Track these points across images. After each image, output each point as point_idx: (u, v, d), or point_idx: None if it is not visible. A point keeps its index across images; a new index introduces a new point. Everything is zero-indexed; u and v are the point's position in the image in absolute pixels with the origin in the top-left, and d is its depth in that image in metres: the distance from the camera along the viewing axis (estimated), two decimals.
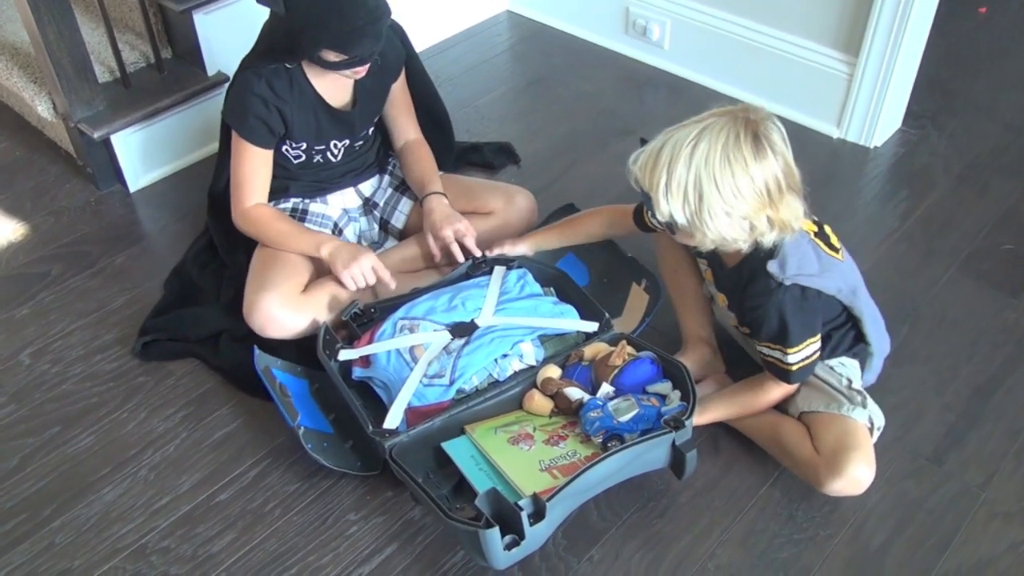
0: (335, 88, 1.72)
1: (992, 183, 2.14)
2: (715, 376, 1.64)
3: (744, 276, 1.42)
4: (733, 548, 1.44)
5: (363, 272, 1.65)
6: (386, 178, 1.93)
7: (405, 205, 1.90)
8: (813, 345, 1.42)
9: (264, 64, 1.65)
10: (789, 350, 1.41)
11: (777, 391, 1.50)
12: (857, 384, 1.51)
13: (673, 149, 1.28)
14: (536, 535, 1.30)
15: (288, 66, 1.65)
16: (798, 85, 2.30)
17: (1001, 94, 2.44)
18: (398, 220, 1.89)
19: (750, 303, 1.41)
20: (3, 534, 1.47)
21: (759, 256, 1.38)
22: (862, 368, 1.56)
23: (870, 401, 1.48)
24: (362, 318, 1.66)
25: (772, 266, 1.37)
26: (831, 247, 1.46)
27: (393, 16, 1.62)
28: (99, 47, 2.19)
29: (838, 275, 1.45)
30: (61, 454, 1.59)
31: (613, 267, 1.84)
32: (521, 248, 1.75)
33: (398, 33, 1.83)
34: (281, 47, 1.61)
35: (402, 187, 1.91)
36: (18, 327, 1.83)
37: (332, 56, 1.57)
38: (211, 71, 2.18)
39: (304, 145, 1.75)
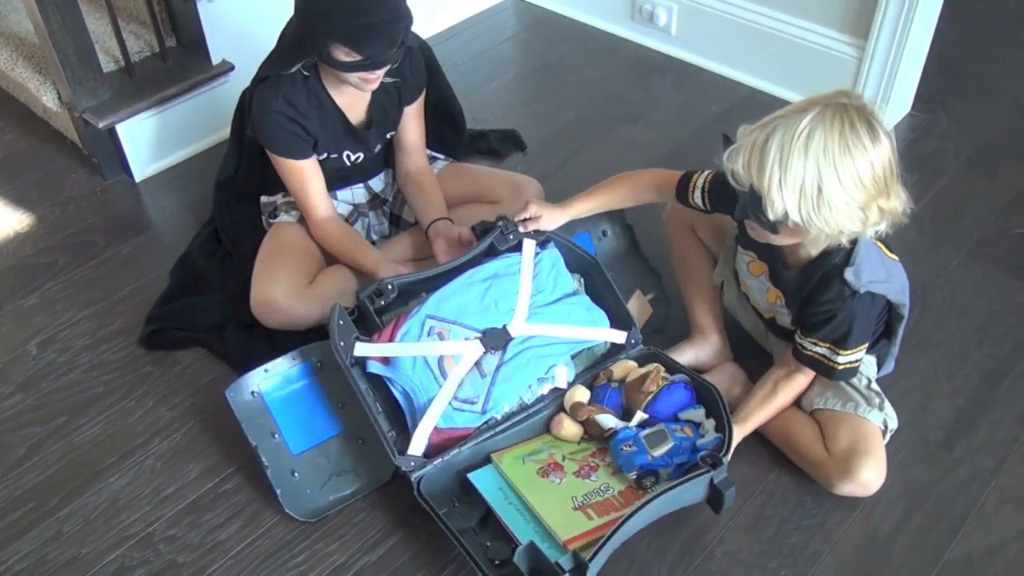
0: (352, 102, 1.69)
1: (1003, 167, 2.12)
2: (725, 364, 1.63)
3: (813, 279, 1.39)
4: (742, 534, 1.43)
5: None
6: (392, 172, 1.91)
7: None
8: (864, 349, 1.42)
9: (277, 67, 1.60)
10: (843, 351, 1.40)
11: (805, 383, 1.49)
12: (875, 384, 1.50)
13: (783, 142, 1.21)
14: None
15: (305, 73, 1.62)
16: (807, 69, 2.28)
17: (1012, 78, 2.41)
18: (409, 214, 1.89)
19: (821, 308, 1.38)
20: (11, 523, 1.47)
21: (832, 262, 1.36)
22: (880, 364, 1.55)
23: (887, 403, 1.47)
24: (380, 299, 1.53)
25: (849, 274, 1.35)
26: (891, 249, 1.46)
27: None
28: (103, 36, 2.18)
29: (898, 279, 1.44)
30: (68, 443, 1.59)
31: (627, 265, 1.81)
32: (558, 218, 1.62)
33: (425, 53, 1.80)
34: (293, 40, 1.56)
35: None
36: (25, 317, 1.83)
37: (343, 54, 1.50)
38: (216, 59, 2.17)
39: (324, 155, 1.73)
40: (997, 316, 1.76)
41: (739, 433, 1.46)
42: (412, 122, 1.80)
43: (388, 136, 1.81)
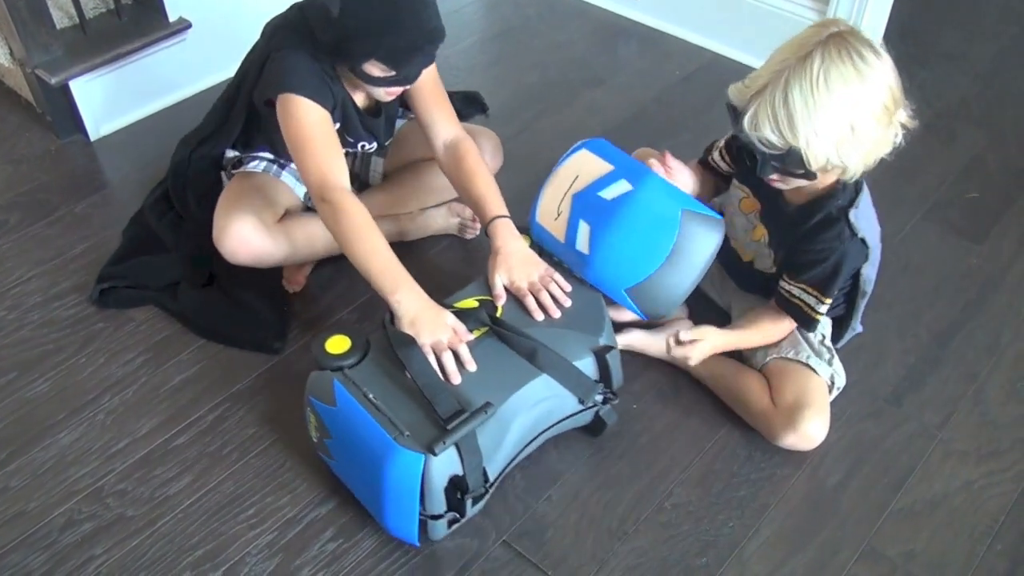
0: (358, 92, 1.61)
1: (959, 132, 2.14)
2: (681, 322, 1.64)
3: (812, 217, 1.38)
4: (691, 487, 1.44)
5: (448, 348, 1.35)
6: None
7: (378, 164, 1.86)
8: (830, 302, 1.43)
9: (303, 53, 1.49)
10: (826, 299, 1.41)
11: (790, 329, 1.49)
12: (828, 340, 1.51)
13: (804, 94, 1.21)
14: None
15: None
16: (768, 34, 2.24)
17: (972, 44, 2.43)
18: (374, 179, 1.86)
19: (817, 246, 1.38)
20: None
21: (837, 203, 1.36)
22: (836, 335, 1.56)
23: (836, 361, 1.49)
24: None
25: (853, 215, 1.36)
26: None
27: None
28: None
29: (877, 249, 1.45)
30: (18, 399, 1.57)
31: None
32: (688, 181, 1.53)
33: None
34: (326, 47, 1.46)
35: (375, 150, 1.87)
36: None
37: (377, 71, 1.44)
38: (172, 17, 2.13)
39: (336, 127, 1.58)
40: (949, 278, 1.78)
41: (721, 338, 1.49)
42: (428, 87, 1.61)
43: (395, 128, 1.76)
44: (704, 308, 1.67)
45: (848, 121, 1.24)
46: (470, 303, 1.44)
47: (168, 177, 1.86)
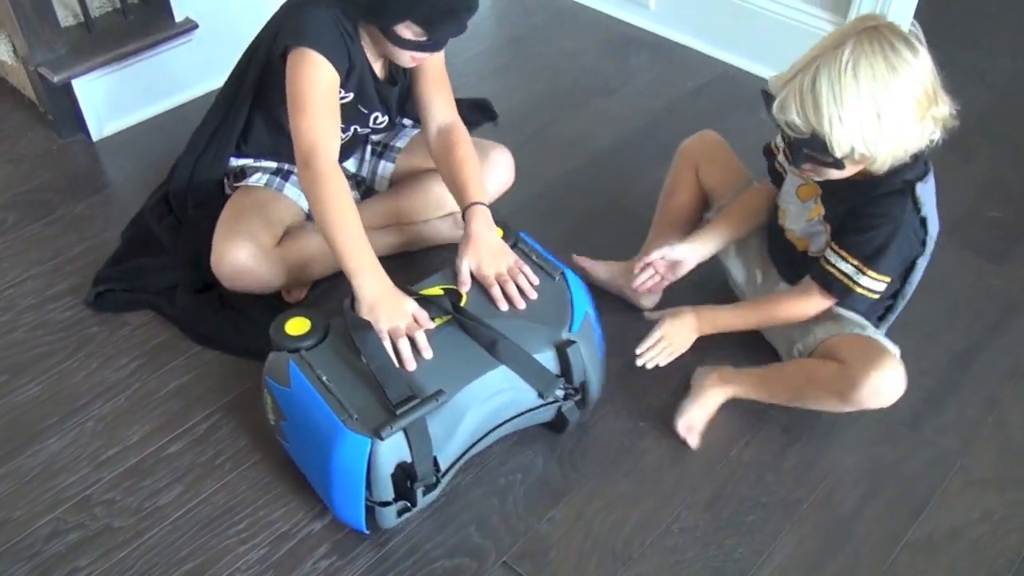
0: (377, 57, 1.57)
1: (979, 150, 2.09)
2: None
3: (880, 189, 1.34)
4: (699, 511, 1.39)
5: (405, 335, 1.32)
6: (367, 148, 1.84)
7: (386, 168, 1.82)
8: (885, 284, 1.37)
9: (325, 9, 1.46)
10: (870, 272, 1.35)
11: (806, 308, 1.43)
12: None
13: (831, 80, 1.21)
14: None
15: (345, 25, 1.48)
16: (785, 47, 2.21)
17: (992, 61, 2.39)
18: (381, 185, 1.82)
19: (872, 209, 1.34)
20: None
21: (904, 178, 1.33)
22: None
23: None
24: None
25: (920, 189, 1.33)
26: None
27: None
28: None
29: (937, 225, 1.41)
30: (7, 403, 1.53)
31: None
32: (698, 253, 1.56)
33: None
34: (360, 5, 1.44)
35: (380, 149, 1.83)
36: None
37: (409, 33, 1.42)
38: (179, 17, 2.10)
39: (349, 97, 1.56)
40: (968, 299, 1.73)
41: (710, 317, 1.46)
42: (432, 71, 1.59)
43: (405, 103, 1.72)
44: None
45: (874, 110, 1.22)
46: (435, 291, 1.41)
47: (169, 180, 1.82)
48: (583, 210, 1.90)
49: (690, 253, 1.54)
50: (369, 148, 1.84)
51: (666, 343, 1.45)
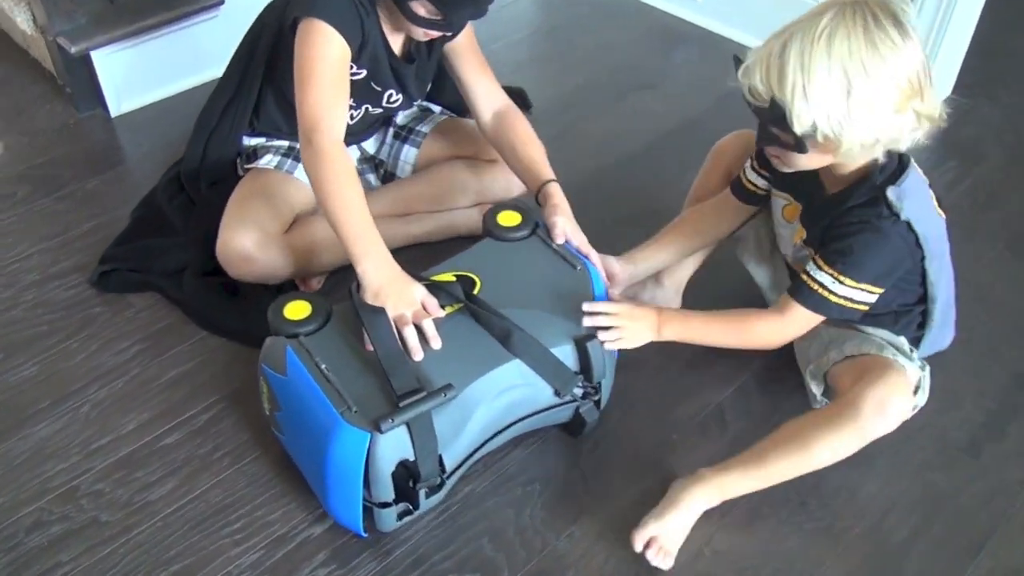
0: (394, 32, 1.48)
1: None
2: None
3: (852, 200, 1.21)
4: (734, 533, 1.27)
5: (412, 323, 1.22)
6: (390, 130, 1.75)
7: (409, 154, 1.72)
8: (868, 294, 1.22)
9: None
10: (847, 280, 1.21)
11: (795, 322, 1.26)
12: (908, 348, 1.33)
13: (802, 46, 1.08)
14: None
15: None
16: None
17: None
18: (403, 171, 1.73)
19: (846, 219, 1.21)
20: None
21: (874, 183, 1.20)
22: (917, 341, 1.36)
23: (927, 372, 1.30)
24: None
25: (892, 192, 1.19)
26: (940, 206, 1.29)
27: None
28: None
29: (941, 233, 1.28)
30: (1, 383, 1.45)
31: None
32: (628, 273, 1.46)
33: None
34: None
35: (404, 133, 1.74)
36: None
37: (424, 10, 1.34)
38: None
39: (362, 74, 1.47)
40: None
41: (676, 322, 1.30)
42: (467, 53, 1.53)
43: (427, 87, 1.63)
44: None
45: (844, 86, 1.08)
46: (447, 277, 1.30)
47: (184, 159, 1.73)
48: (612, 211, 1.77)
49: (620, 270, 1.43)
50: (392, 131, 1.74)
51: (618, 327, 1.27)
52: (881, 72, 1.09)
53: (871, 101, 1.09)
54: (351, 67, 1.41)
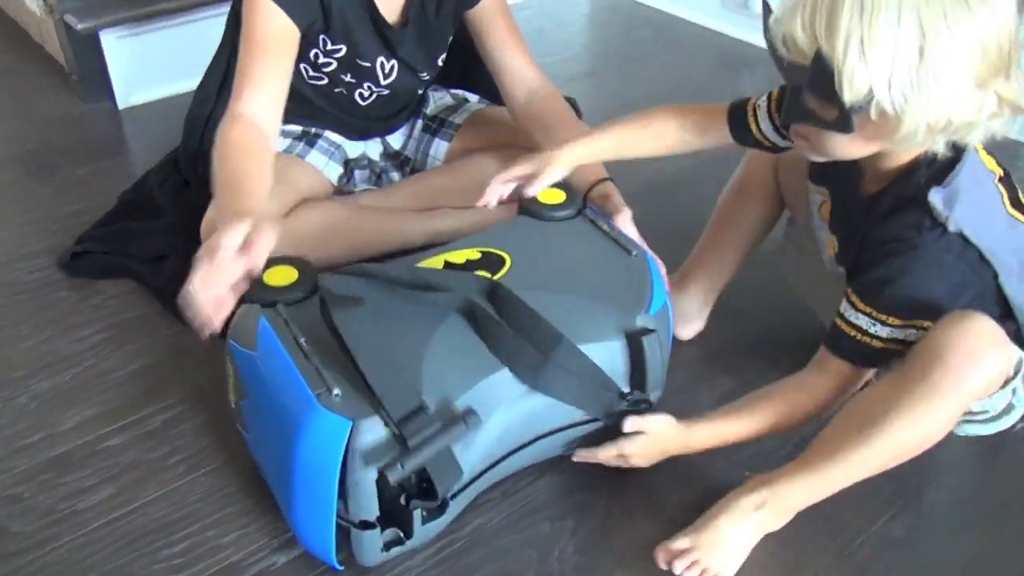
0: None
1: None
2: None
3: (886, 205, 0.94)
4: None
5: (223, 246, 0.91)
6: (418, 122, 1.54)
7: (439, 148, 1.50)
8: (921, 331, 0.93)
9: None
10: (887, 318, 0.92)
11: (836, 381, 0.98)
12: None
13: None
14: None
15: None
16: None
17: None
18: (432, 166, 1.51)
19: (881, 237, 0.93)
20: None
21: (917, 182, 0.92)
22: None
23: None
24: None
25: (935, 196, 0.90)
26: (1016, 204, 0.98)
27: None
28: None
29: (1018, 244, 0.96)
30: None
31: None
32: (558, 171, 1.16)
33: None
34: None
35: (435, 125, 1.52)
36: None
37: None
38: None
39: (342, 50, 1.30)
40: None
41: (677, 432, 1.00)
42: (496, 22, 1.31)
43: (437, 60, 1.41)
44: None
45: (917, 43, 0.79)
46: (470, 253, 1.06)
47: (183, 137, 1.53)
48: (652, 234, 1.52)
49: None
50: (420, 123, 1.52)
51: (624, 457, 1.01)
52: (967, 29, 0.80)
53: (951, 68, 0.81)
54: (325, 42, 1.24)
